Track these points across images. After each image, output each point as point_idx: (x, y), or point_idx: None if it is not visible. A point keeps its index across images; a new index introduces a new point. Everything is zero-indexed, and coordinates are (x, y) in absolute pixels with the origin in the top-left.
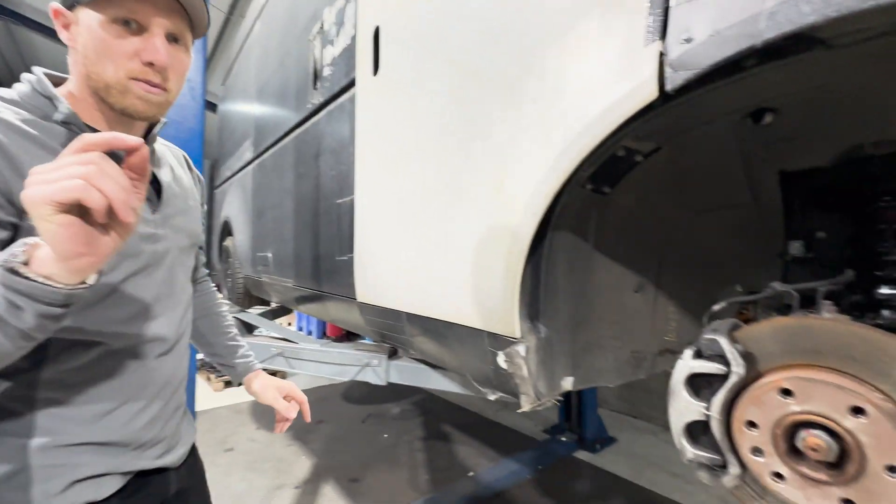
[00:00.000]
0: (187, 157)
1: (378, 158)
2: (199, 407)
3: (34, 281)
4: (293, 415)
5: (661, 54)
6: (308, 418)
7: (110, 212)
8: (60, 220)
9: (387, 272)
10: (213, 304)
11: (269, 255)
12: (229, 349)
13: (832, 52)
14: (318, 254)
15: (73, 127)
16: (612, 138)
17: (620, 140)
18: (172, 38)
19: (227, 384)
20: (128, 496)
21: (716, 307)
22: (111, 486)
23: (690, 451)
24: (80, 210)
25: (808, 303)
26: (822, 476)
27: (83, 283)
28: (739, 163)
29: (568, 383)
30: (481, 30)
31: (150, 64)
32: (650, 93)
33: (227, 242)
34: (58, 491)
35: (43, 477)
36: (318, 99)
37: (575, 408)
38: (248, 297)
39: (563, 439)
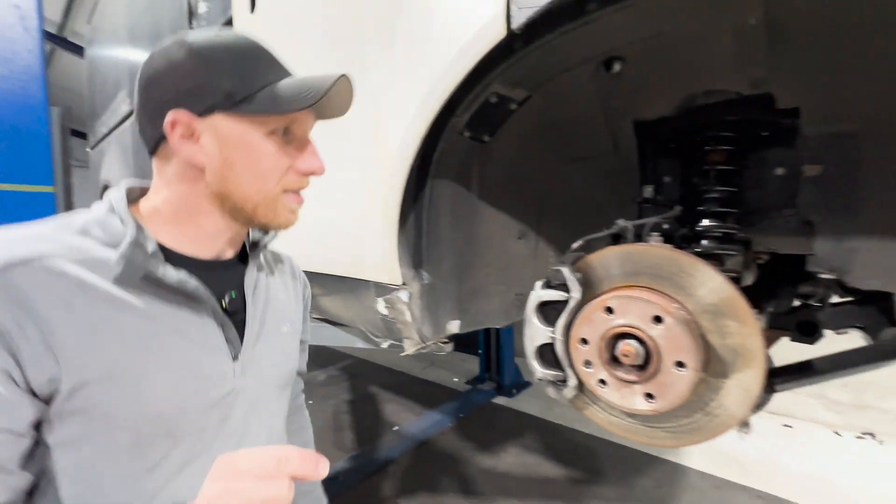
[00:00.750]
0: (293, 263)
1: None
2: None
3: None
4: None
5: (507, 11)
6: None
7: None
8: None
9: None
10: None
11: None
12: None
13: (643, 6)
14: None
15: (161, 261)
16: (478, 81)
17: (489, 85)
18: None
19: None
20: None
21: (574, 245)
22: None
23: (539, 370)
24: None
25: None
26: (631, 377)
27: None
28: (601, 113)
29: (454, 326)
30: None
31: (310, 173)
32: (498, 31)
33: None
34: None
35: None
36: None
37: (494, 358)
38: None
39: (484, 388)
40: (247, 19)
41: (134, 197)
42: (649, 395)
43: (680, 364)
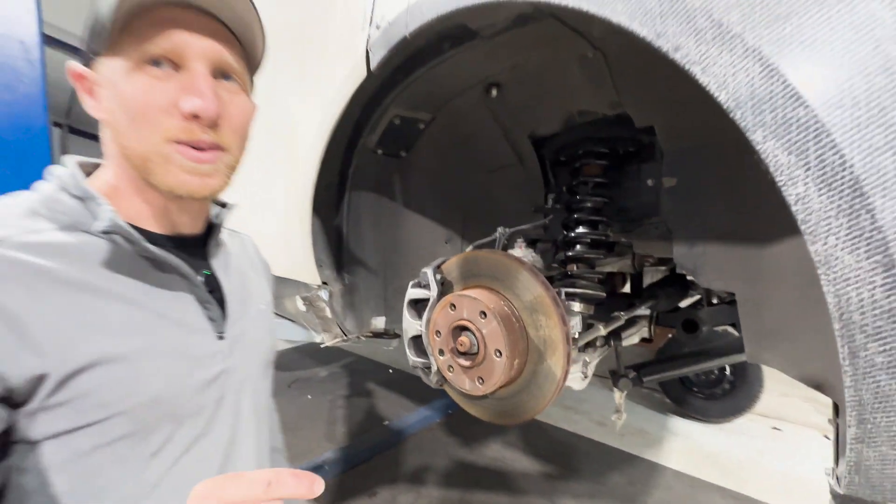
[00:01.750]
0: (253, 243)
1: None
2: None
3: None
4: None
5: (367, 39)
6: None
7: None
8: None
9: None
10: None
11: None
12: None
13: (490, 40)
14: None
15: (117, 237)
16: (374, 108)
17: (387, 110)
18: (221, 75)
19: None
20: None
21: (468, 249)
22: None
23: (412, 358)
24: None
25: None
26: (467, 363)
27: None
28: (499, 129)
29: (380, 322)
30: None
31: (195, 116)
32: (361, 72)
33: None
34: None
35: None
36: None
37: None
38: None
39: None
40: None
41: (87, 173)
42: (480, 379)
43: (498, 352)
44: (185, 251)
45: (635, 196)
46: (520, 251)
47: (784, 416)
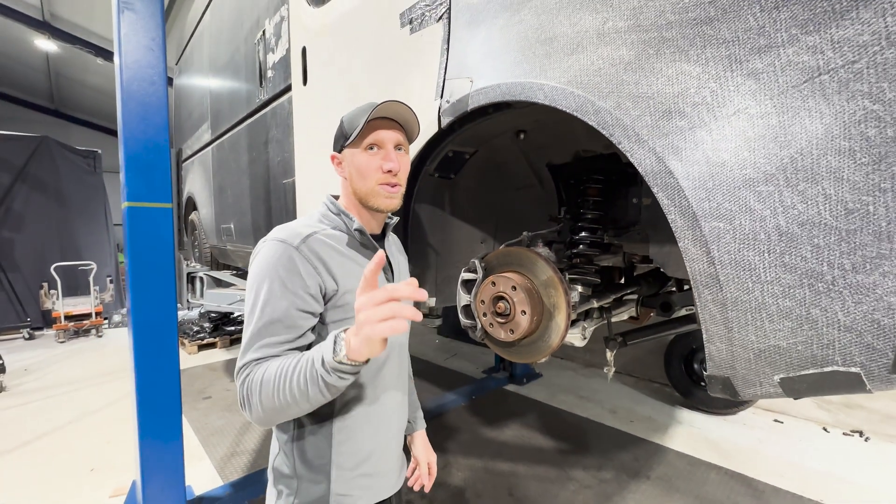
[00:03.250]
0: (398, 240)
1: (310, 149)
2: None
3: (350, 364)
4: (426, 482)
5: (439, 107)
6: (428, 488)
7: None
8: (382, 344)
9: None
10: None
11: (232, 226)
12: (412, 406)
13: (519, 109)
14: (272, 224)
15: (357, 233)
16: (435, 148)
17: (445, 148)
18: (397, 147)
19: (201, 348)
20: None
21: (501, 247)
22: None
23: (464, 321)
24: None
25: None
26: (502, 321)
27: (367, 360)
28: (524, 160)
29: (432, 301)
30: (367, 60)
31: (390, 171)
32: (434, 128)
33: (193, 217)
34: None
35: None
36: (264, 96)
37: None
38: (216, 263)
39: (497, 376)
40: (301, 89)
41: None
42: (511, 331)
43: (524, 312)
44: (377, 241)
45: (624, 210)
46: (539, 249)
47: (786, 411)
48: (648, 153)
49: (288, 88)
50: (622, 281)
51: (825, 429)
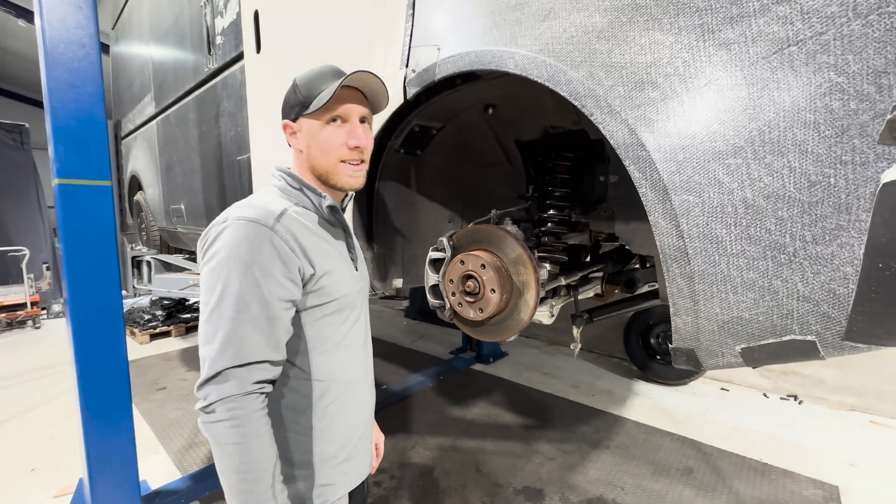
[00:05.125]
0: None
1: (267, 123)
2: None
3: None
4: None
5: (405, 77)
6: (373, 469)
7: None
8: None
9: None
10: None
11: (182, 207)
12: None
13: (488, 81)
14: (226, 204)
15: (333, 211)
16: (401, 121)
17: (412, 122)
18: (362, 121)
19: (153, 337)
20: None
21: (469, 225)
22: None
23: (432, 301)
24: None
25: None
26: (471, 300)
27: None
28: (492, 136)
29: (399, 282)
30: (326, 26)
31: (356, 147)
32: (400, 100)
33: (138, 197)
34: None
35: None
36: (213, 64)
37: None
38: (166, 247)
39: (464, 356)
40: (255, 58)
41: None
42: (480, 309)
43: (493, 290)
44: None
45: (591, 188)
46: (508, 227)
47: (731, 379)
48: (620, 125)
49: (240, 57)
50: (588, 259)
51: (765, 394)
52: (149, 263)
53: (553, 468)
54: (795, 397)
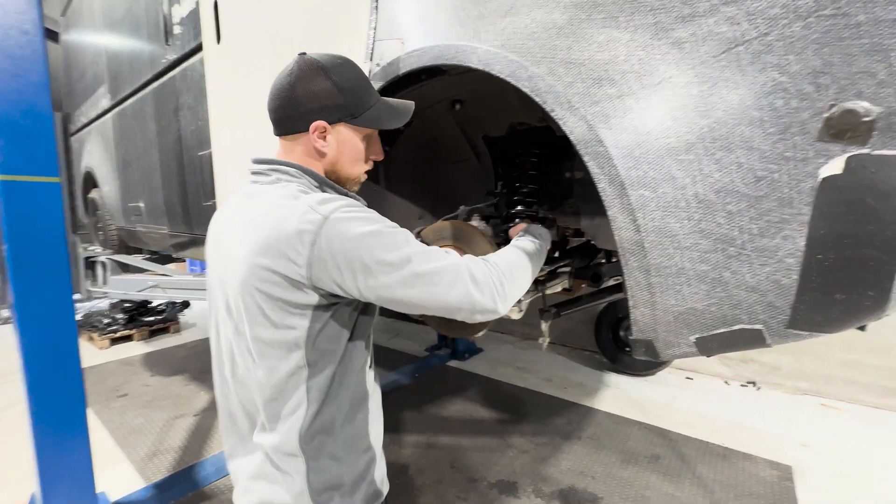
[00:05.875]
0: None
1: (229, 117)
2: (83, 364)
3: None
4: None
5: (369, 71)
6: None
7: None
8: None
9: None
10: None
11: (142, 205)
12: None
13: (454, 76)
14: (188, 201)
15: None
16: None
17: None
18: None
19: (113, 341)
20: None
21: (438, 222)
22: None
23: None
24: None
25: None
26: None
27: None
28: (460, 132)
29: None
30: (289, 17)
31: (376, 161)
32: None
33: (94, 194)
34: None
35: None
36: (171, 55)
37: None
38: (125, 248)
39: (440, 353)
40: (215, 49)
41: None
42: None
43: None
44: None
45: (558, 184)
46: (476, 223)
47: (695, 368)
48: (580, 121)
49: (199, 48)
50: (556, 254)
51: (726, 382)
52: (104, 264)
53: (527, 461)
54: (754, 384)
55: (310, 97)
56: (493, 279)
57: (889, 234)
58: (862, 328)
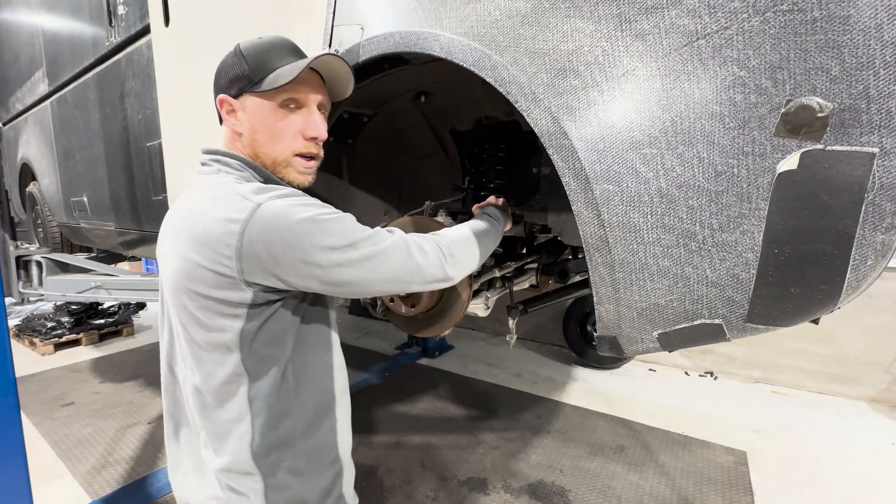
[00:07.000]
0: None
1: (178, 105)
2: (23, 372)
3: None
4: None
5: None
6: None
7: None
8: None
9: None
10: None
11: (85, 199)
12: None
13: (418, 66)
14: (136, 196)
15: None
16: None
17: (339, 108)
18: (320, 108)
19: (58, 347)
20: None
21: (402, 217)
22: None
23: (362, 299)
24: None
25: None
26: (403, 295)
27: None
28: (426, 125)
29: None
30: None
31: (314, 139)
32: None
33: (32, 188)
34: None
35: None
36: (115, 38)
37: None
38: (68, 245)
39: (410, 351)
40: (163, 32)
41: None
42: (412, 305)
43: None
44: None
45: (525, 179)
46: (442, 218)
47: (658, 360)
48: (544, 113)
49: (146, 30)
50: (524, 251)
51: (686, 373)
52: (39, 264)
53: (496, 457)
54: (712, 374)
55: (219, 74)
56: (440, 247)
57: (840, 229)
58: (815, 321)
